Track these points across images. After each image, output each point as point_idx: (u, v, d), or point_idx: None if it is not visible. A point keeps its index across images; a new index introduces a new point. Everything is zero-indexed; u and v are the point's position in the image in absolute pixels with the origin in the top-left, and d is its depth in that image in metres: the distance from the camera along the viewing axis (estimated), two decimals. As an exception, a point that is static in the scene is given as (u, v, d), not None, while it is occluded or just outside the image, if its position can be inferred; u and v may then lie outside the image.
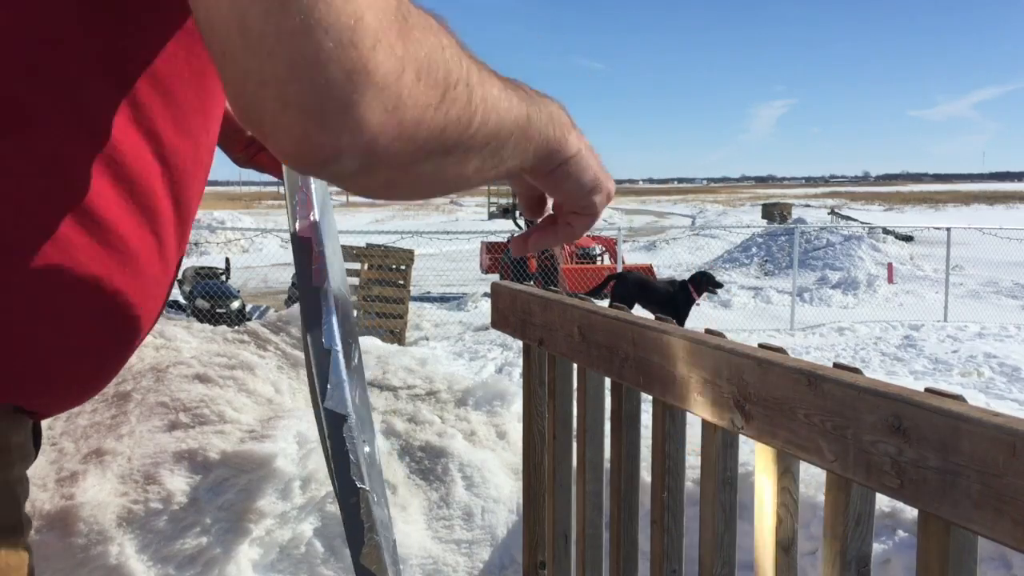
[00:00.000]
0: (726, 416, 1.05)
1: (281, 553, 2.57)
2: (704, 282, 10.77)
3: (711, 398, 1.07)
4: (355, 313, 10.84)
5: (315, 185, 0.83)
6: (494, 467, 3.08)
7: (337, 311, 0.74)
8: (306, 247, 0.76)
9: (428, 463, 3.07)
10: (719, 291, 11.37)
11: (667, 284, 11.40)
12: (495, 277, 14.52)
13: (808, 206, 43.15)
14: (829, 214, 31.22)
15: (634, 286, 11.01)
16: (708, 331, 1.12)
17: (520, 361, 2.85)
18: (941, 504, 0.77)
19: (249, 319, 10.23)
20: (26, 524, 0.69)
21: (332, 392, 0.70)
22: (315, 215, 0.78)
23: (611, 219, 36.13)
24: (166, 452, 2.55)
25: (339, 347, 0.72)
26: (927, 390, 0.83)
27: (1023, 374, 8.17)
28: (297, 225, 0.78)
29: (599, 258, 15.78)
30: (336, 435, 0.70)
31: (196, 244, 19.16)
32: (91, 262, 0.64)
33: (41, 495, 2.35)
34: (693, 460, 1.65)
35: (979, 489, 0.73)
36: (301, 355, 3.50)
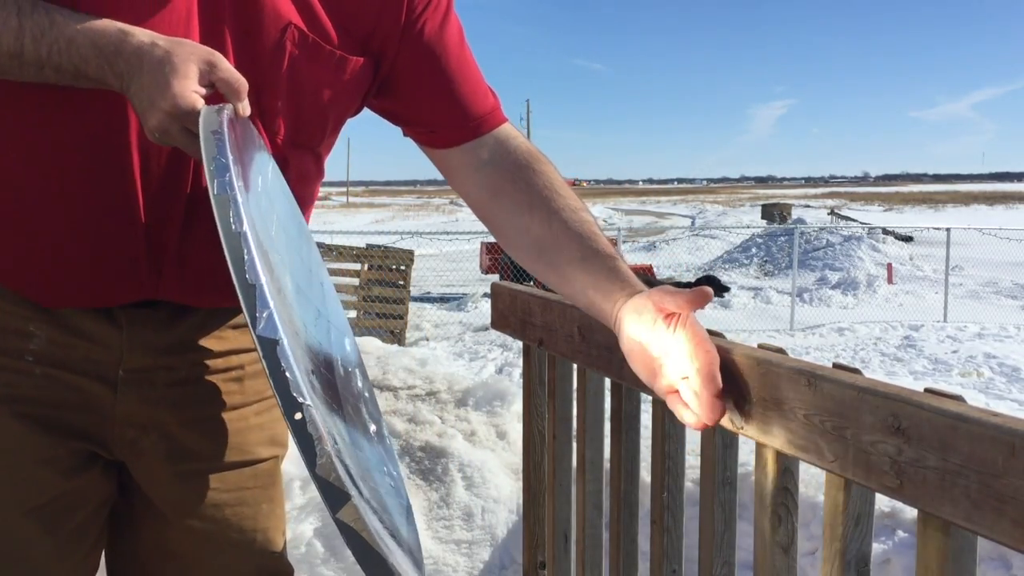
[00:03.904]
0: (726, 416, 1.05)
1: (281, 553, 2.56)
2: (708, 285, 10.69)
3: (711, 398, 1.07)
4: (353, 312, 10.84)
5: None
6: (494, 467, 3.08)
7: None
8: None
9: (428, 463, 3.07)
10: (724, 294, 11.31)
11: (670, 285, 11.32)
12: (495, 277, 14.51)
13: (808, 206, 43.12)
14: (829, 214, 31.20)
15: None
16: (708, 332, 1.12)
17: (520, 361, 2.85)
18: (940, 504, 0.77)
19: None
20: None
21: (261, 320, 0.74)
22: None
23: (611, 219, 36.08)
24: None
25: (262, 281, 0.75)
26: (926, 390, 0.83)
27: (1023, 374, 8.17)
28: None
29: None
30: (271, 358, 0.73)
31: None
32: None
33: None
34: (693, 460, 1.65)
35: (978, 489, 0.73)
36: (301, 355, 3.50)
